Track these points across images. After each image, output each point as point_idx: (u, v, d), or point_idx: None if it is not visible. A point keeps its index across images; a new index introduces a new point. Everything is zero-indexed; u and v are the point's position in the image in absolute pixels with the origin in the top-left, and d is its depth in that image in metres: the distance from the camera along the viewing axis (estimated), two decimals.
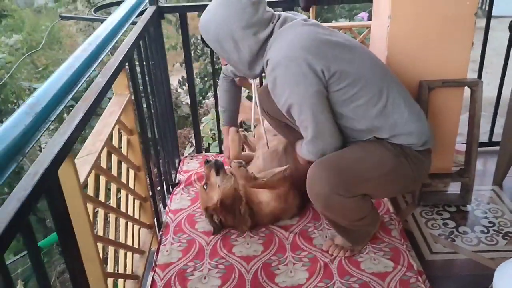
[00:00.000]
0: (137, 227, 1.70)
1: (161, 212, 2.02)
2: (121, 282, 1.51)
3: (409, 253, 1.68)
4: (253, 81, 1.80)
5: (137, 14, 1.79)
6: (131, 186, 1.64)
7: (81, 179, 1.13)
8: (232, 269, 1.66)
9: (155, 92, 2.00)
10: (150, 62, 1.96)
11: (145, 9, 2.05)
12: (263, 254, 1.72)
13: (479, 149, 1.92)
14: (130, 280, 1.56)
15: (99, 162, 1.31)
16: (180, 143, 3.49)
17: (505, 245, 1.76)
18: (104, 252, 1.36)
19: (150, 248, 1.77)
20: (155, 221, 1.88)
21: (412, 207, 2.00)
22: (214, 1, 1.48)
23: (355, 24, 2.74)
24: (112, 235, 1.48)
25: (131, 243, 1.61)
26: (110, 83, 1.35)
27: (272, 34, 1.46)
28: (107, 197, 1.46)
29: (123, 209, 1.56)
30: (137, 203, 1.71)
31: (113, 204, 1.49)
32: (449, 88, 1.87)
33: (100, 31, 1.38)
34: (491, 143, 2.40)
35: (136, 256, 1.66)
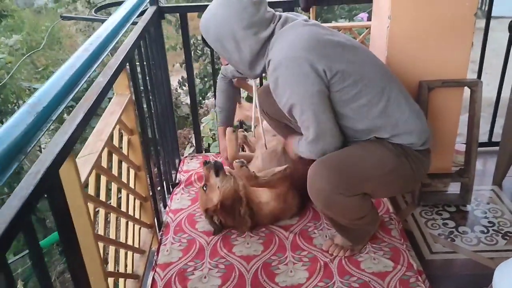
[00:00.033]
0: (137, 227, 1.70)
1: (161, 212, 2.02)
2: (122, 281, 1.52)
3: (409, 253, 1.68)
4: (253, 81, 1.80)
5: (138, 14, 1.79)
6: (132, 185, 1.65)
7: (82, 179, 1.13)
8: (232, 268, 1.66)
9: (155, 92, 2.01)
10: (150, 62, 1.97)
11: (145, 9, 2.05)
12: (263, 253, 1.73)
13: (478, 149, 1.92)
14: (130, 279, 1.57)
15: (100, 161, 1.32)
16: (180, 143, 3.49)
17: (504, 245, 1.76)
18: (104, 251, 1.36)
19: (150, 247, 1.77)
20: (156, 220, 1.88)
21: (412, 207, 2.00)
22: (215, 1, 1.48)
23: (355, 24, 2.73)
24: (112, 235, 1.48)
25: (131, 243, 1.61)
26: (111, 83, 1.36)
27: (273, 34, 1.46)
28: (108, 197, 1.47)
29: (123, 209, 1.56)
30: (138, 202, 1.71)
31: (113, 203, 1.49)
32: (449, 88, 1.88)
33: (101, 31, 1.38)
34: (490, 143, 2.40)
35: (136, 255, 1.67)
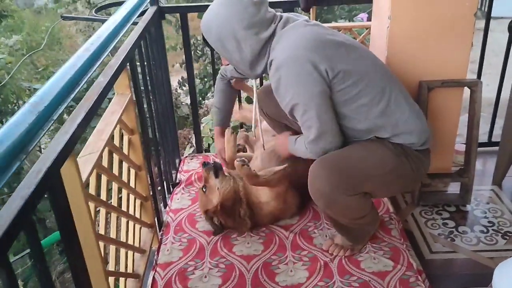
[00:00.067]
0: (138, 226, 1.71)
1: (161, 211, 2.02)
2: (122, 281, 1.52)
3: (409, 253, 1.69)
4: (254, 82, 1.81)
5: (138, 14, 1.80)
6: (132, 185, 1.65)
7: (83, 178, 1.13)
8: (232, 268, 1.66)
9: (156, 92, 2.01)
10: (151, 62, 1.97)
11: (146, 10, 2.05)
12: (264, 253, 1.73)
13: (478, 149, 1.93)
14: (131, 279, 1.57)
15: (100, 161, 1.32)
16: (179, 144, 3.49)
17: (504, 244, 1.77)
18: (105, 251, 1.37)
19: (151, 247, 1.77)
20: (156, 220, 1.88)
21: (411, 207, 2.01)
22: (216, 1, 1.49)
23: (355, 24, 2.73)
24: (113, 234, 1.48)
25: (132, 242, 1.62)
26: (111, 82, 1.36)
27: (274, 34, 1.46)
28: (108, 196, 1.47)
29: (124, 208, 1.56)
30: (138, 202, 1.72)
31: (114, 203, 1.50)
32: (449, 88, 1.88)
33: (101, 31, 1.38)
34: (490, 143, 2.40)
35: (137, 255, 1.67)
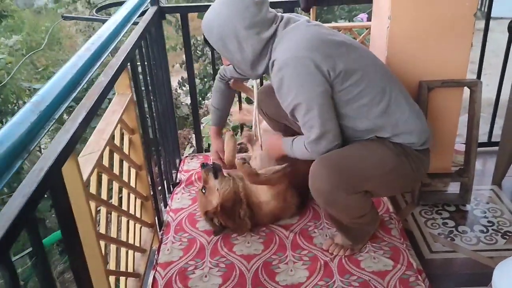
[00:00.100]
0: (138, 226, 1.71)
1: (162, 211, 2.03)
2: (123, 280, 1.52)
3: (409, 252, 1.69)
4: (254, 82, 1.81)
5: (139, 14, 1.80)
6: (133, 185, 1.65)
7: (84, 177, 1.13)
8: (232, 267, 1.67)
9: (156, 92, 2.01)
10: (151, 62, 1.97)
11: (146, 10, 2.06)
12: (264, 253, 1.73)
13: (478, 149, 1.93)
14: (131, 278, 1.57)
15: (101, 160, 1.32)
16: (179, 144, 3.49)
17: (504, 244, 1.77)
18: (105, 250, 1.37)
19: (151, 246, 1.78)
20: (156, 220, 1.89)
21: (411, 207, 2.01)
22: (217, 0, 1.49)
23: (355, 24, 2.74)
24: (113, 234, 1.49)
25: (132, 242, 1.62)
26: (112, 82, 1.37)
27: (275, 34, 1.46)
28: (109, 196, 1.47)
29: (124, 208, 1.57)
30: (139, 202, 1.72)
31: (115, 202, 1.50)
32: (449, 88, 1.88)
33: (102, 31, 1.39)
34: (490, 143, 2.41)
35: (137, 254, 1.67)
